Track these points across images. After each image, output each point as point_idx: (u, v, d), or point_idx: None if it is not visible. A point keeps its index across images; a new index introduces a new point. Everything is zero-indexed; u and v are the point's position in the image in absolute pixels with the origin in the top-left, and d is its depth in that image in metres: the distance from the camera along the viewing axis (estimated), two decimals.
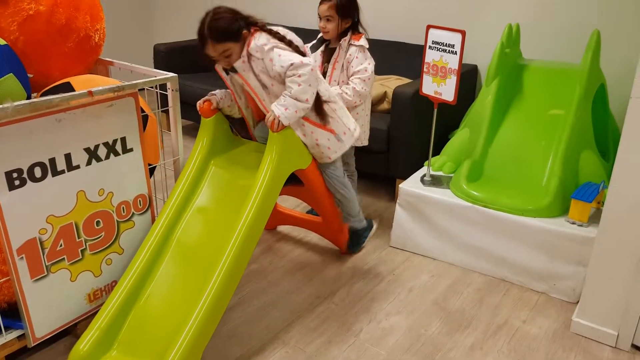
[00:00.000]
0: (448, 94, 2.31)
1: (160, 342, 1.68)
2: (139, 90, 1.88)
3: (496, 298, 2.23)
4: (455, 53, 2.23)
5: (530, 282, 2.29)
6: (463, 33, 2.19)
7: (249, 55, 1.89)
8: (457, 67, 2.24)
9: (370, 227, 2.51)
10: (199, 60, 2.03)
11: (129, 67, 2.18)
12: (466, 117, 2.98)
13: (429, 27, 2.30)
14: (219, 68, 2.01)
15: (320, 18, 2.35)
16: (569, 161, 2.39)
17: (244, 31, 1.89)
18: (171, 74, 2.01)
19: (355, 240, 2.48)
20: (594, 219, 2.17)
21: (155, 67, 3.60)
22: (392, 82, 3.14)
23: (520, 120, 2.59)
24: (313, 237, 2.64)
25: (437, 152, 2.75)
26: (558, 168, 2.34)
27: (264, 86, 1.94)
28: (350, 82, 2.35)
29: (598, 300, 1.95)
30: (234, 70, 1.94)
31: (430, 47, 2.31)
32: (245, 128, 2.19)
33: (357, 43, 2.34)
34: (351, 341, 1.96)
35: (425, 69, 2.35)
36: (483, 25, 3.19)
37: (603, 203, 1.90)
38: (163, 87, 2.04)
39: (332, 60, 2.38)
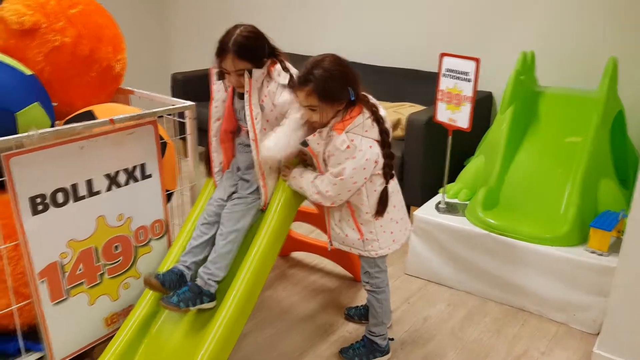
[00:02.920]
0: (463, 121, 2.32)
1: None
2: (158, 118, 1.92)
3: (514, 328, 2.19)
4: (470, 80, 2.24)
5: (549, 312, 2.25)
6: (477, 61, 2.21)
7: (262, 83, 1.82)
8: (471, 95, 2.25)
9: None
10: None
11: (149, 96, 2.23)
12: (481, 144, 2.99)
13: (442, 55, 2.33)
14: (214, 72, 1.89)
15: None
16: (588, 189, 2.37)
17: (266, 59, 1.81)
18: (189, 103, 2.06)
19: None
20: (614, 248, 2.14)
21: (173, 96, 3.67)
22: (405, 109, 3.17)
23: (537, 147, 2.58)
24: (327, 263, 2.64)
25: (451, 179, 2.75)
26: (576, 196, 2.32)
27: (262, 109, 1.83)
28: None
29: (620, 332, 1.91)
30: (241, 96, 1.86)
31: (444, 74, 2.34)
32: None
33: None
34: None
35: (439, 96, 2.37)
36: (497, 52, 3.22)
37: (623, 232, 1.87)
38: (181, 114, 2.09)
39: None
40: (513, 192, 2.51)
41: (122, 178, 1.83)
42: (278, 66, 1.82)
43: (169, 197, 2.11)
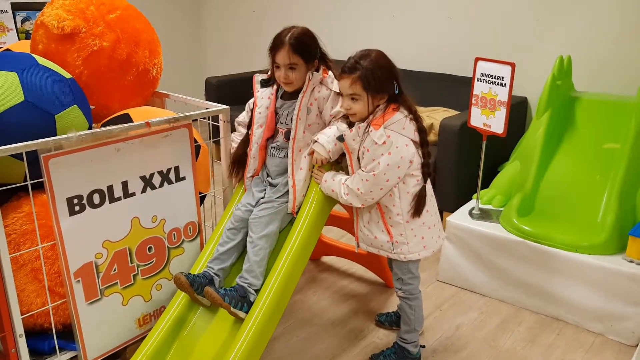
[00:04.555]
0: (497, 126, 2.28)
1: None
2: (192, 121, 1.94)
3: (549, 338, 2.13)
4: (505, 85, 2.21)
5: (585, 322, 2.18)
6: (513, 65, 2.17)
7: (314, 87, 1.86)
8: (506, 100, 2.21)
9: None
10: (247, 93, 2.06)
11: (183, 100, 2.26)
12: (516, 150, 2.93)
13: (477, 59, 2.30)
14: (257, 79, 1.98)
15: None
16: (626, 197, 2.30)
17: (317, 61, 1.88)
18: (223, 106, 2.08)
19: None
20: None
21: (207, 99, 3.72)
22: (438, 114, 3.13)
23: (573, 153, 2.52)
24: (358, 268, 2.62)
25: (485, 185, 2.71)
26: (614, 203, 2.26)
27: (308, 111, 1.88)
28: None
29: None
30: (288, 97, 1.91)
31: (478, 79, 2.30)
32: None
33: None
34: None
35: (473, 101, 2.34)
36: (533, 57, 3.15)
37: None
38: (215, 118, 2.11)
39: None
40: (549, 199, 2.45)
41: (156, 180, 1.86)
42: (331, 73, 1.88)
43: (201, 199, 2.13)
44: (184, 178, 1.94)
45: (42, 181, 1.58)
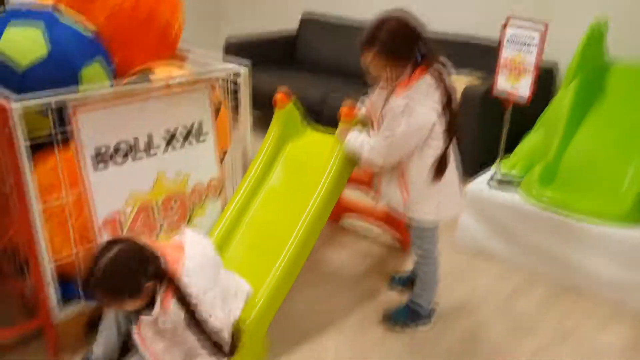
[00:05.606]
0: (523, 93, 2.24)
1: None
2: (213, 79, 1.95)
3: (565, 305, 2.14)
4: (534, 50, 2.15)
5: (602, 292, 2.18)
6: (545, 25, 2.10)
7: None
8: (534, 65, 2.16)
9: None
10: (267, 55, 2.05)
11: (204, 57, 2.26)
12: (542, 118, 2.87)
13: (508, 18, 2.23)
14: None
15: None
16: None
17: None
18: (243, 65, 2.07)
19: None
20: None
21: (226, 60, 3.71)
22: (461, 80, 3.08)
23: (601, 122, 2.47)
24: (377, 230, 2.64)
25: (507, 154, 2.67)
26: None
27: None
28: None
29: None
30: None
31: (506, 42, 2.25)
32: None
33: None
34: (409, 334, 1.95)
35: (500, 66, 2.29)
36: (565, 20, 3.02)
37: None
38: (235, 78, 2.10)
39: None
40: (572, 168, 2.42)
41: (180, 136, 1.89)
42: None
43: (222, 157, 2.16)
44: (206, 135, 1.97)
45: (69, 135, 1.61)
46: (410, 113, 1.68)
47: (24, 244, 1.66)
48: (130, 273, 1.45)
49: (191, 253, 1.55)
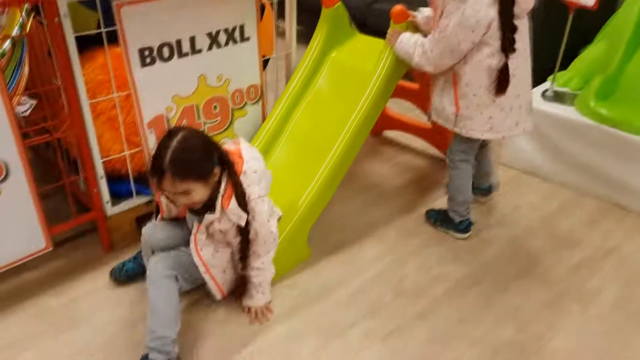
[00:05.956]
0: None
1: None
2: None
3: (609, 224, 2.09)
4: None
5: None
6: None
7: None
8: None
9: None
10: None
11: None
12: (603, 30, 2.68)
13: None
14: None
15: None
16: None
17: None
18: None
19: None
20: None
21: None
22: None
23: None
24: (420, 144, 2.61)
25: (564, 67, 2.53)
26: None
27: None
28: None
29: None
30: None
31: None
32: None
33: None
34: (448, 245, 1.97)
35: None
36: None
37: None
38: None
39: None
40: (633, 83, 2.27)
41: (222, 38, 1.86)
42: None
43: (265, 63, 2.13)
44: (248, 38, 1.94)
45: (115, 34, 1.62)
46: (466, 5, 1.59)
47: (76, 140, 1.72)
48: (200, 153, 1.43)
49: (249, 159, 1.52)
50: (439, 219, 2.03)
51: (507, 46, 1.65)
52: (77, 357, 1.52)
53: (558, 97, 2.37)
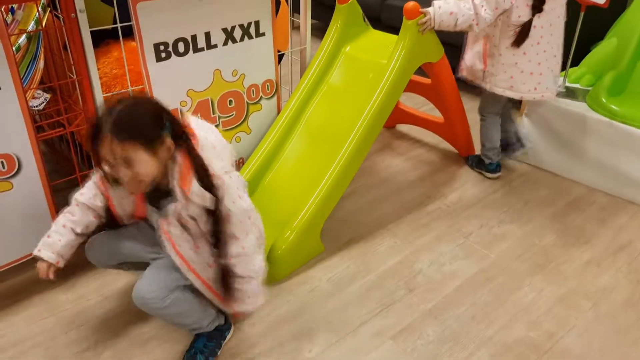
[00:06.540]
0: None
1: (283, 213, 1.81)
2: None
3: (622, 219, 2.10)
4: None
5: None
6: None
7: None
8: None
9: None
10: None
11: None
12: (615, 26, 2.67)
13: None
14: None
15: None
16: None
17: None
18: None
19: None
20: None
21: None
22: None
23: None
24: (433, 138, 2.61)
25: (575, 64, 2.53)
26: None
27: None
28: None
29: None
30: None
31: None
32: None
33: None
34: (460, 241, 1.97)
35: None
36: None
37: None
38: None
39: None
40: None
41: (237, 34, 1.86)
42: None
43: (279, 58, 2.13)
44: (263, 34, 1.93)
45: (130, 28, 1.61)
46: None
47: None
48: (148, 117, 1.22)
49: (206, 131, 1.31)
50: (475, 161, 2.37)
51: (537, 6, 1.88)
52: (87, 354, 1.52)
53: (570, 93, 2.37)
